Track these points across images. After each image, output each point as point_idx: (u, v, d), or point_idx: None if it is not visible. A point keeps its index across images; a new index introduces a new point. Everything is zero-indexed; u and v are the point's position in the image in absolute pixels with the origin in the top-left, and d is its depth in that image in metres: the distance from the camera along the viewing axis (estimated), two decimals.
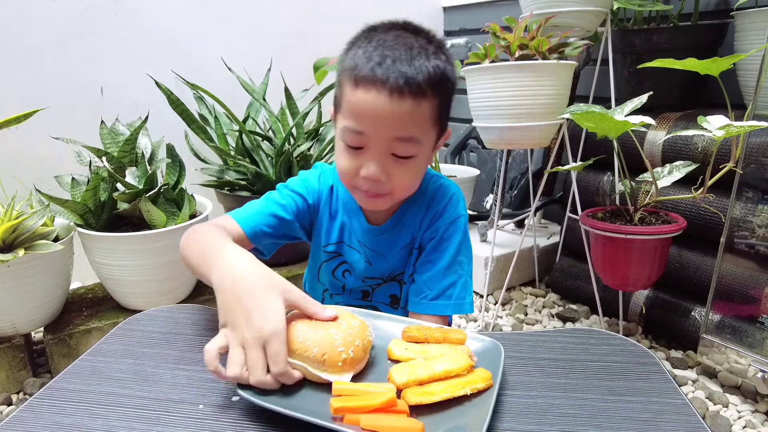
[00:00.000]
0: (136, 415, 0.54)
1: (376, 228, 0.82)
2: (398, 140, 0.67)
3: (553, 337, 0.70)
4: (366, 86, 0.65)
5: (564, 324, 1.73)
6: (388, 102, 0.64)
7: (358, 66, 0.65)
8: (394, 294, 0.87)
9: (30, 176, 1.60)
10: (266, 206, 0.80)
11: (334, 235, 0.83)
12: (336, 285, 0.87)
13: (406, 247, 0.83)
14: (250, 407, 0.54)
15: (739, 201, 1.28)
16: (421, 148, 0.70)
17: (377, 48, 0.65)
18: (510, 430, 0.52)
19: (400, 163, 0.69)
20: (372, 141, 0.67)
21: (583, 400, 0.57)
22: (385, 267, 0.84)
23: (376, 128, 0.66)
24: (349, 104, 0.67)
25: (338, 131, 0.71)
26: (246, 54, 1.96)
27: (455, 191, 0.83)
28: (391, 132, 0.67)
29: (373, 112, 0.65)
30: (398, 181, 0.70)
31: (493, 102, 1.38)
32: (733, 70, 1.39)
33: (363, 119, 0.66)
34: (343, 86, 0.69)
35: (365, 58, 0.65)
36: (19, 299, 1.29)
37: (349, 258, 0.84)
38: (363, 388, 0.54)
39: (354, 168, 0.70)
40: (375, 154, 0.68)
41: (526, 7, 1.55)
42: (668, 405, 0.56)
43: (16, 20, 1.64)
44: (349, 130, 0.68)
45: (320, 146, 1.82)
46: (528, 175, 2.01)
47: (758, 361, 1.24)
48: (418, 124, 0.67)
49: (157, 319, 0.74)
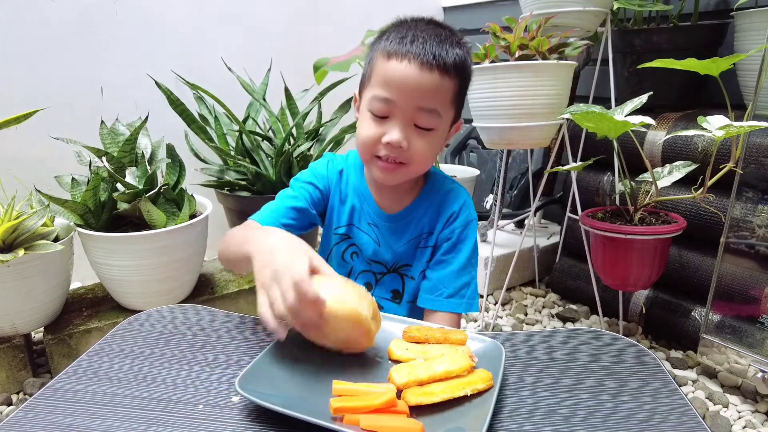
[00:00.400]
0: (135, 416, 0.54)
1: (386, 214, 0.86)
2: (421, 110, 0.74)
3: (552, 337, 0.70)
4: (399, 57, 0.72)
5: (564, 324, 1.73)
6: (417, 73, 0.71)
7: (392, 43, 0.74)
8: (396, 289, 0.89)
9: (30, 176, 1.60)
10: (283, 202, 0.85)
11: (344, 217, 0.87)
12: (344, 269, 0.90)
13: (414, 240, 0.87)
14: (250, 407, 0.54)
15: (739, 201, 1.28)
16: (440, 123, 0.76)
17: (410, 30, 0.74)
18: (509, 430, 0.52)
19: (421, 134, 0.75)
20: (398, 109, 0.74)
21: (583, 400, 0.57)
22: (391, 255, 0.87)
23: (403, 96, 0.73)
24: (380, 75, 0.74)
25: (365, 103, 0.77)
26: (246, 54, 1.96)
27: (467, 196, 0.88)
28: (417, 101, 0.73)
29: (402, 80, 0.72)
30: (416, 151, 0.76)
31: (493, 102, 1.38)
32: (733, 70, 1.39)
33: (392, 87, 0.73)
34: (374, 62, 0.76)
35: (399, 37, 0.74)
36: (19, 299, 1.29)
37: (358, 240, 0.88)
38: (363, 388, 0.54)
39: (377, 134, 0.75)
40: (399, 121, 0.74)
41: (526, 7, 1.55)
42: (668, 405, 0.55)
43: (16, 20, 1.64)
44: (377, 99, 0.74)
45: (320, 146, 1.82)
46: (528, 175, 2.01)
47: (758, 361, 1.24)
48: (440, 98, 0.74)
49: (157, 319, 0.74)
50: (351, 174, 0.89)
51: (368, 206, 0.87)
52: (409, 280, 0.89)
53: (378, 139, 0.75)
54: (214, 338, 0.69)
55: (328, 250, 0.90)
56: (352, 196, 0.88)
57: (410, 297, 0.89)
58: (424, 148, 0.76)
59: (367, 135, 0.76)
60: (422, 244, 0.87)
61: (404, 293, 0.89)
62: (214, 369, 0.62)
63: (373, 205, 0.87)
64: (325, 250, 0.91)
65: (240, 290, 1.63)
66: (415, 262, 0.88)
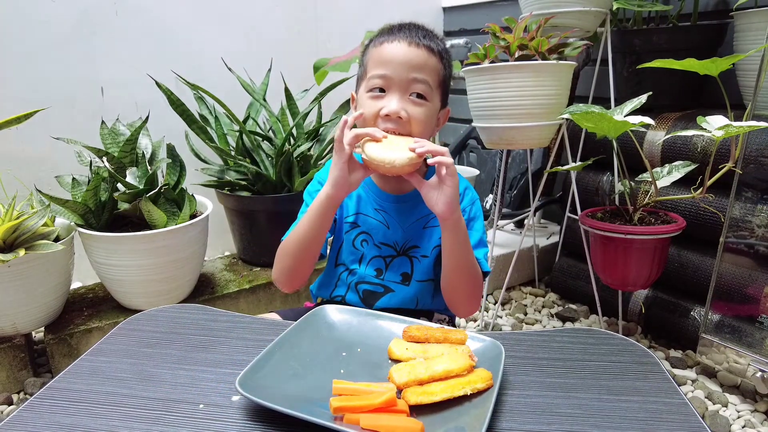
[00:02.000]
0: (136, 415, 0.54)
1: (393, 195, 0.92)
2: (415, 81, 0.82)
3: (552, 336, 0.70)
4: (389, 39, 0.83)
5: (563, 324, 1.73)
6: (406, 48, 0.82)
7: (383, 34, 0.85)
8: (406, 272, 0.92)
9: (30, 176, 1.60)
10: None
11: (352, 207, 0.93)
12: (355, 256, 0.93)
13: (422, 219, 0.92)
14: (251, 407, 0.54)
15: (739, 201, 1.29)
16: (431, 96, 0.84)
17: (396, 25, 0.86)
18: (509, 430, 0.52)
19: (417, 103, 0.83)
20: (394, 82, 0.82)
21: (583, 399, 0.57)
22: (400, 235, 0.92)
23: (397, 68, 0.81)
24: (375, 57, 0.84)
25: (363, 86, 0.86)
26: (246, 54, 1.96)
27: (466, 181, 0.95)
28: (409, 72, 0.82)
29: (394, 55, 0.82)
30: (415, 118, 0.82)
31: (493, 102, 1.38)
32: (733, 71, 1.39)
33: (386, 63, 0.82)
34: (368, 53, 0.87)
35: (387, 30, 0.86)
36: (19, 299, 1.30)
37: (367, 226, 0.92)
38: (363, 388, 0.54)
39: (377, 109, 0.82)
40: (396, 92, 0.82)
41: (525, 7, 1.55)
42: (667, 404, 0.56)
43: (16, 20, 1.64)
44: (375, 76, 0.83)
45: (320, 146, 1.82)
46: (528, 175, 2.01)
47: (757, 361, 1.24)
48: (429, 72, 0.83)
49: (158, 319, 0.74)
50: None
51: (373, 193, 0.93)
52: (416, 262, 0.92)
53: (377, 113, 0.82)
54: (214, 338, 0.70)
55: (340, 241, 0.94)
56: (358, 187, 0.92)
57: (419, 276, 0.92)
58: (421, 116, 0.83)
59: (368, 112, 0.83)
60: (430, 224, 0.92)
61: (413, 274, 0.92)
62: (215, 368, 0.62)
63: (377, 191, 0.92)
64: (338, 242, 0.95)
65: (240, 290, 1.64)
66: (423, 242, 0.92)
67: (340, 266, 0.95)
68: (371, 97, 0.83)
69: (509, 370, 0.62)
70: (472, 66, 1.40)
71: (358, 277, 0.93)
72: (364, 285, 0.92)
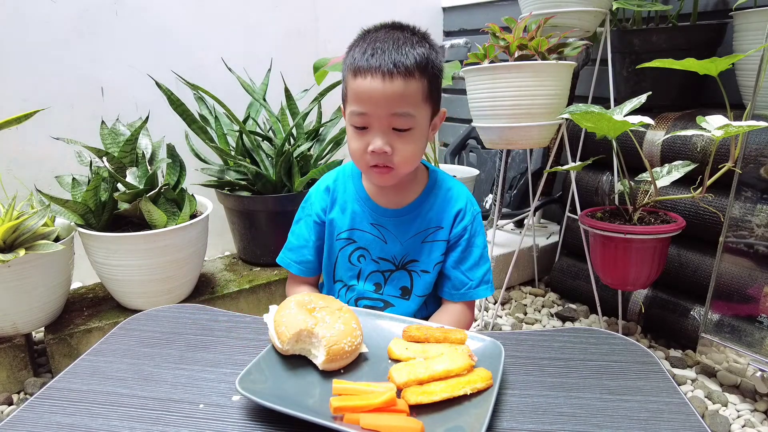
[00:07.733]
0: (136, 415, 0.54)
1: (391, 210, 0.90)
2: (395, 116, 0.78)
3: (552, 336, 0.71)
4: (363, 74, 0.77)
5: (563, 323, 1.73)
6: (381, 84, 0.76)
7: (356, 60, 0.79)
8: (405, 286, 0.92)
9: (30, 176, 1.60)
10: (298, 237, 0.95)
11: (346, 223, 0.92)
12: (352, 272, 0.93)
13: (420, 234, 0.90)
14: (251, 407, 0.54)
15: (738, 200, 1.29)
16: (416, 122, 0.80)
17: (370, 44, 0.79)
18: (509, 430, 0.52)
19: (401, 136, 0.80)
20: (374, 119, 0.79)
21: (583, 399, 0.57)
22: (398, 249, 0.91)
23: (375, 107, 0.78)
24: (352, 92, 0.80)
25: (347, 118, 0.83)
26: (246, 54, 1.96)
27: (468, 191, 0.94)
28: (388, 109, 0.78)
29: (370, 93, 0.77)
30: (401, 152, 0.80)
31: (493, 102, 1.38)
32: (732, 70, 1.39)
33: (363, 101, 0.78)
34: (346, 80, 0.82)
35: (361, 53, 0.79)
36: (19, 299, 1.30)
37: (363, 242, 0.91)
38: (363, 388, 0.54)
39: (363, 146, 0.80)
40: (378, 129, 0.79)
41: (525, 7, 1.55)
42: (667, 404, 0.56)
43: (16, 20, 1.64)
44: (354, 113, 0.80)
45: (320, 146, 1.82)
46: (527, 175, 2.01)
47: (757, 360, 1.24)
48: (410, 101, 0.78)
49: (158, 318, 0.74)
50: (348, 183, 0.93)
51: (369, 208, 0.91)
52: (416, 277, 0.91)
53: (364, 149, 0.80)
54: (214, 338, 0.70)
55: (334, 257, 0.93)
56: (352, 203, 0.92)
57: (419, 292, 0.92)
58: (407, 149, 0.81)
59: (354, 149, 0.82)
60: (429, 238, 0.90)
61: (413, 289, 0.92)
62: (215, 368, 0.62)
63: (374, 206, 0.91)
64: (331, 258, 0.94)
65: (240, 290, 1.64)
66: (422, 256, 0.91)
67: (338, 282, 0.95)
68: (355, 132, 0.82)
69: (510, 370, 0.62)
70: (472, 66, 1.40)
71: (357, 293, 0.92)
72: (363, 300, 0.92)
